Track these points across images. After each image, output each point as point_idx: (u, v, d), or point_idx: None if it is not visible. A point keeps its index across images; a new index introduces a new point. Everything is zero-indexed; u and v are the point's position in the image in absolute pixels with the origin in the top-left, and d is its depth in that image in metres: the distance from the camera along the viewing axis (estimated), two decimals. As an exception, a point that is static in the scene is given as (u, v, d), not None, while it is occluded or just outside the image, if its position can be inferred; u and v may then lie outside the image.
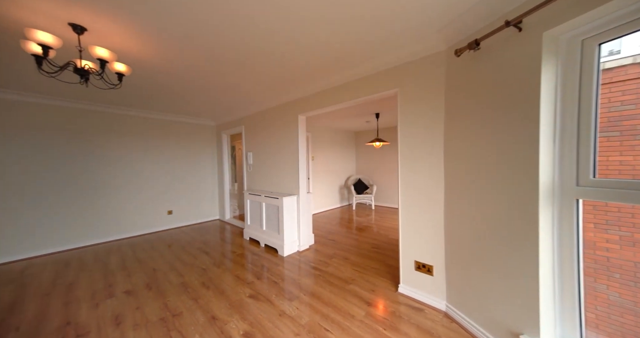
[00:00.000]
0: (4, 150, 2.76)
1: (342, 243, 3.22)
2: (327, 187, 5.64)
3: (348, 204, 6.24)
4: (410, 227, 1.93)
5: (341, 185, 6.08)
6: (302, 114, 2.89)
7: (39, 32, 1.26)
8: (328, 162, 5.65)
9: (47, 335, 1.52)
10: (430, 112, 1.80)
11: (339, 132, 5.99)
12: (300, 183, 2.95)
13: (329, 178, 5.70)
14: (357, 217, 4.83)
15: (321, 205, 5.44)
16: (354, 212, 5.25)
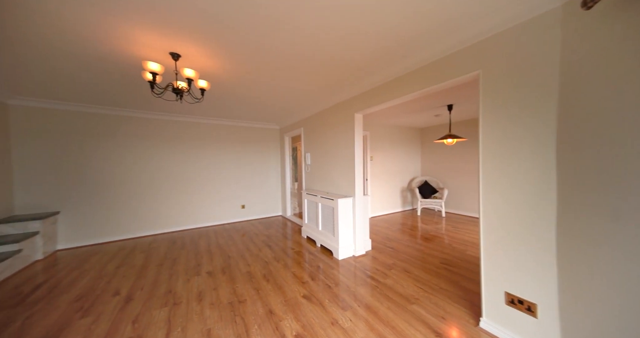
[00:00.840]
0: (141, 154, 3.83)
1: (404, 252, 2.88)
2: (387, 189, 5.23)
3: (411, 209, 5.62)
4: (498, 245, 1.49)
5: (403, 188, 5.53)
6: (359, 112, 2.74)
7: (150, 63, 1.63)
8: (388, 162, 5.24)
9: (158, 297, 1.98)
10: (531, 95, 1.33)
11: (401, 130, 5.47)
12: (356, 184, 2.81)
13: (389, 180, 5.27)
14: (422, 224, 4.26)
15: (380, 208, 5.10)
16: (419, 218, 4.66)
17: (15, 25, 1.51)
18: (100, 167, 3.55)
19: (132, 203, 3.76)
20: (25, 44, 1.72)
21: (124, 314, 1.74)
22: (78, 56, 1.90)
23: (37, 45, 1.73)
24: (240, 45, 1.75)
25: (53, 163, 3.26)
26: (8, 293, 2.07)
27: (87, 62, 2.00)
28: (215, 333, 1.52)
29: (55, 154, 3.26)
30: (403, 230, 3.86)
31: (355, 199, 2.81)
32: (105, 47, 1.75)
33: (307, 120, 4.02)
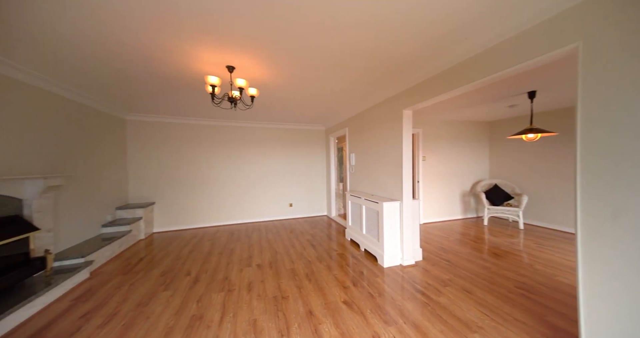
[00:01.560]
0: (211, 156, 4.51)
1: (463, 268, 2.47)
2: (443, 193, 4.62)
3: (475, 217, 4.81)
4: (607, 274, 1.09)
5: (464, 192, 4.78)
6: (408, 108, 2.49)
7: (210, 77, 1.88)
8: (445, 162, 4.62)
9: (217, 282, 2.27)
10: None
11: (463, 125, 4.74)
12: (404, 187, 2.57)
13: (446, 183, 4.65)
14: (490, 235, 3.58)
15: (433, 214, 4.55)
16: (486, 229, 3.94)
17: (127, 62, 1.98)
18: (186, 167, 4.34)
19: (203, 198, 4.47)
20: (134, 76, 2.24)
21: (192, 293, 2.07)
22: (165, 79, 2.36)
23: (140, 75, 2.24)
24: (286, 50, 1.83)
25: (153, 164, 4.16)
26: (122, 263, 2.75)
27: (168, 80, 2.46)
28: (260, 325, 1.63)
29: (155, 157, 4.16)
30: (463, 241, 3.33)
31: (403, 203, 2.57)
32: (179, 66, 2.11)
33: (351, 120, 3.93)
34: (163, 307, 1.85)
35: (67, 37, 1.61)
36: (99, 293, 2.09)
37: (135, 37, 1.62)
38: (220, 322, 1.66)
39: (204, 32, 1.57)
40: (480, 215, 4.84)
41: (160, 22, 1.46)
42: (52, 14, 1.39)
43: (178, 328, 1.59)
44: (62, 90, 2.53)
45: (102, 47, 1.74)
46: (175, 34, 1.59)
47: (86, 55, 1.87)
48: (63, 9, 1.35)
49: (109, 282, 2.28)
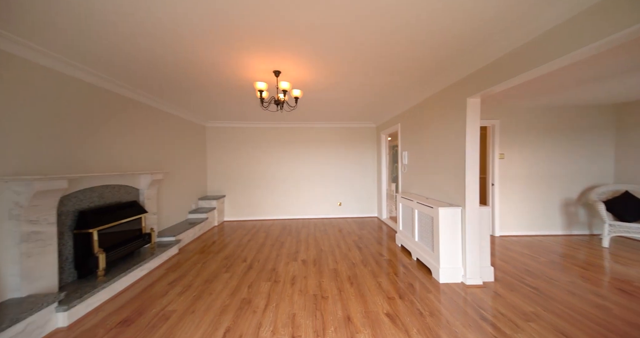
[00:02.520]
0: (268, 156, 4.99)
1: (560, 301, 1.85)
2: (534, 199, 3.62)
3: (588, 235, 3.57)
4: None
5: (568, 200, 3.61)
6: (474, 96, 2.04)
7: (258, 83, 2.05)
8: (533, 160, 3.60)
9: (266, 271, 2.48)
10: None
11: (564, 110, 3.57)
12: (468, 191, 2.13)
13: (538, 187, 3.62)
14: (614, 262, 2.57)
15: (517, 226, 3.62)
16: (606, 253, 2.86)
17: (204, 74, 2.39)
18: (249, 166, 4.96)
19: (262, 194, 4.99)
20: (210, 86, 2.69)
21: (245, 278, 2.33)
22: (227, 89, 2.74)
23: (215, 87, 2.67)
24: (333, 50, 1.82)
25: (225, 163, 4.93)
26: (200, 244, 3.37)
27: (230, 89, 2.84)
28: (298, 321, 1.68)
29: (226, 157, 4.93)
30: (563, 266, 2.51)
31: (466, 210, 2.14)
32: (234, 76, 2.39)
33: (404, 115, 3.56)
34: (222, 287, 2.15)
35: (167, 67, 2.07)
36: (182, 266, 2.62)
37: (203, 56, 1.92)
38: (265, 309, 1.80)
39: (255, 43, 1.71)
40: (597, 232, 3.55)
41: (219, 38, 1.68)
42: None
43: (231, 308, 1.82)
44: (166, 107, 3.29)
45: (184, 68, 2.16)
46: (232, 48, 1.80)
47: (180, 80, 2.37)
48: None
49: (189, 259, 2.83)
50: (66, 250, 1.94)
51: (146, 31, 1.57)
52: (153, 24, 1.49)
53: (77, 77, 2.08)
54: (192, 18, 1.44)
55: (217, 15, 1.41)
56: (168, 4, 1.31)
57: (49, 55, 1.80)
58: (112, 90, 2.46)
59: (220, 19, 1.45)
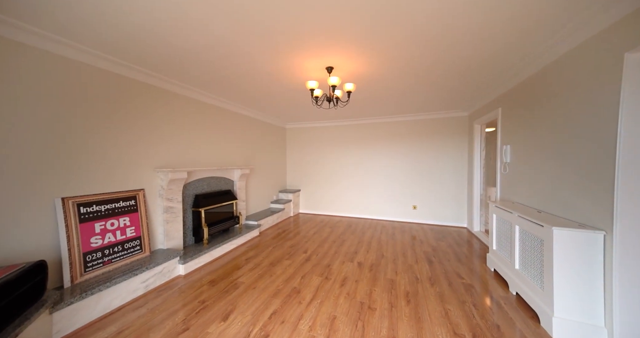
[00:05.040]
0: (336, 154, 5.09)
1: None
2: None
3: None
4: None
5: None
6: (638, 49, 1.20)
7: (309, 82, 2.10)
8: None
9: (321, 266, 2.55)
10: None
11: None
12: (618, 204, 1.29)
13: None
14: None
15: None
16: None
17: (275, 83, 2.75)
18: (322, 163, 5.27)
19: (333, 190, 5.15)
20: (275, 92, 3.07)
21: (302, 268, 2.49)
22: (287, 91, 3.00)
23: (283, 92, 3.02)
24: (383, 49, 1.60)
25: (301, 160, 5.46)
26: (275, 231, 3.92)
27: (290, 91, 3.07)
28: (337, 325, 1.62)
29: (302, 154, 5.45)
30: None
31: (615, 237, 1.31)
32: (292, 77, 2.55)
33: (507, 96, 2.62)
34: (281, 272, 2.40)
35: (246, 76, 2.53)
36: (258, 247, 3.14)
37: (266, 64, 2.18)
38: (309, 303, 1.86)
39: (304, 45, 1.77)
40: None
41: (279, 45, 1.85)
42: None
43: (281, 294, 2.00)
44: (251, 113, 4.03)
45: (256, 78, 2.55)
46: (291, 52, 1.94)
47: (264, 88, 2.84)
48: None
49: (265, 242, 3.35)
50: (188, 221, 2.77)
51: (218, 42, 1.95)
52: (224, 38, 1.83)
53: (197, 98, 2.89)
54: (250, 26, 1.65)
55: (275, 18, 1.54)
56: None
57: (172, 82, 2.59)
58: (204, 101, 3.26)
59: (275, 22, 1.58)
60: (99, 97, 1.95)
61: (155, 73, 2.28)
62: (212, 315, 1.71)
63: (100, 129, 1.96)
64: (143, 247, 2.14)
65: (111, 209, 1.92)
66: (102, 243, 1.84)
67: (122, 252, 1.97)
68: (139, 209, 2.14)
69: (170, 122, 2.58)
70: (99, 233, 1.84)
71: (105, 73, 1.99)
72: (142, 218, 2.15)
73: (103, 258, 1.84)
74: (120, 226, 1.98)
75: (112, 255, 1.90)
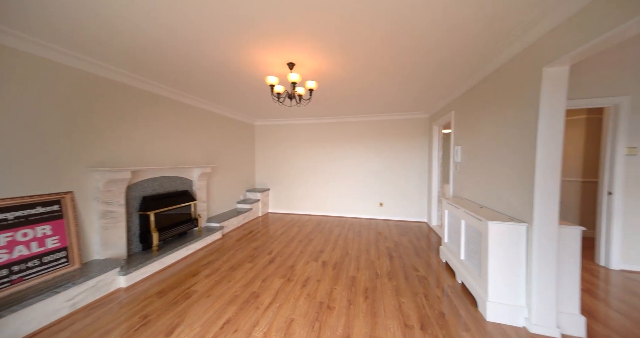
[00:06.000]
0: (304, 152, 5.04)
1: None
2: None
3: None
4: None
5: None
6: (555, 63, 1.36)
7: (269, 77, 2.01)
8: None
9: (284, 268, 2.50)
10: None
11: None
12: (539, 200, 1.48)
13: None
14: None
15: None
16: None
17: (252, 84, 2.57)
18: (291, 161, 5.16)
19: (302, 189, 5.09)
20: (237, 86, 2.89)
21: (264, 271, 2.40)
22: (249, 85, 2.85)
23: (245, 87, 2.85)
24: (348, 47, 1.57)
25: (270, 158, 5.29)
26: (240, 232, 3.74)
27: (251, 86, 2.93)
28: (293, 328, 1.58)
29: (271, 152, 5.27)
30: None
31: (535, 228, 1.49)
32: (253, 73, 2.42)
33: (459, 100, 2.84)
34: (241, 276, 2.29)
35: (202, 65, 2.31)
36: (219, 251, 2.95)
37: (216, 55, 2.02)
38: (267, 308, 1.79)
39: (267, 39, 1.67)
40: None
41: (229, 33, 1.71)
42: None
43: (239, 300, 1.90)
44: (214, 108, 3.76)
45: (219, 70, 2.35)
46: (250, 43, 1.81)
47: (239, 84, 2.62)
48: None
49: (227, 245, 3.17)
50: (134, 227, 2.47)
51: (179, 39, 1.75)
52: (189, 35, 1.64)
53: (148, 90, 2.57)
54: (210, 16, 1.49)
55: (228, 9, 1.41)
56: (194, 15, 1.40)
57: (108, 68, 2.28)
58: (159, 94, 2.96)
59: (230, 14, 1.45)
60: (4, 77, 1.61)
61: (84, 56, 1.96)
62: (154, 331, 1.54)
63: (7, 118, 1.62)
64: (71, 259, 1.84)
65: (23, 217, 1.60)
66: (8, 259, 1.53)
67: (40, 267, 1.66)
68: (65, 215, 1.83)
69: (108, 114, 2.26)
70: (4, 247, 1.52)
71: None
72: (69, 225, 1.85)
73: (10, 277, 1.53)
74: (38, 236, 1.67)
75: (25, 272, 1.59)
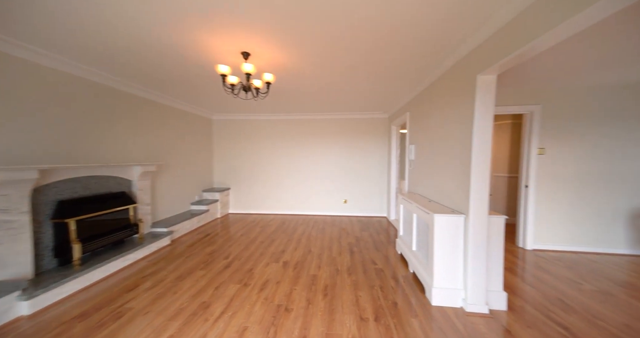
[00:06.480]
0: (271, 149, 4.84)
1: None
2: (583, 206, 2.84)
3: (663, 255, 2.70)
4: None
5: (636, 210, 2.75)
6: (486, 71, 1.52)
7: (220, 66, 1.82)
8: (586, 156, 2.80)
9: (241, 272, 2.34)
10: None
11: (631, 91, 2.66)
12: (473, 194, 1.65)
13: (591, 190, 2.82)
14: (697, 301, 1.84)
15: (558, 238, 2.90)
16: (687, 285, 2.08)
17: (206, 75, 2.26)
18: (255, 159, 4.89)
19: (266, 188, 4.89)
20: (202, 83, 2.57)
21: (217, 278, 2.20)
22: (198, 74, 2.58)
23: (192, 75, 2.55)
24: (305, 39, 1.48)
25: (231, 155, 4.93)
26: (194, 237, 3.39)
27: (201, 75, 2.67)
28: (246, 337, 1.47)
29: (232, 150, 4.91)
30: (618, 299, 1.87)
31: (471, 219, 1.67)
32: (203, 61, 2.19)
33: (413, 102, 3.03)
34: (190, 286, 2.06)
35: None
36: (166, 259, 2.62)
37: (176, 38, 1.75)
38: (217, 319, 1.64)
39: (215, 21, 1.47)
40: (678, 253, 2.65)
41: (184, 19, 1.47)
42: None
43: (184, 313, 1.69)
44: (164, 99, 3.29)
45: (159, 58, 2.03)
46: (197, 25, 1.58)
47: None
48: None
49: (176, 252, 2.83)
50: (46, 238, 2.01)
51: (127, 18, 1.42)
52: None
53: (56, 68, 2.09)
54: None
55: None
56: None
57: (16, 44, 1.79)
58: (101, 83, 2.48)
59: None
60: None
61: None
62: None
63: None
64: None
65: None
66: None
67: None
68: None
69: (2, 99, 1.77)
70: None
71: None
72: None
73: None
74: None
75: None
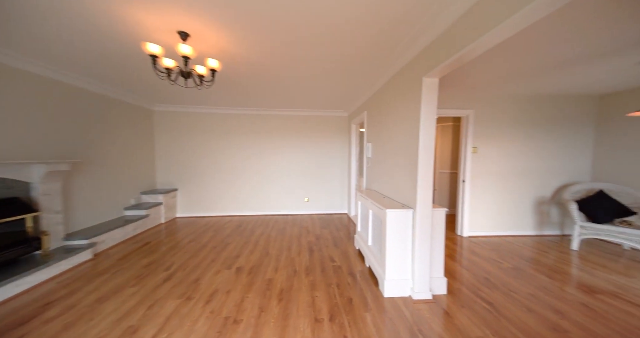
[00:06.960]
0: (226, 146, 4.44)
1: (513, 320, 1.54)
2: (504, 197, 3.35)
3: (560, 235, 3.37)
4: None
5: (541, 199, 3.37)
6: (430, 74, 1.61)
7: (149, 44, 1.52)
8: (507, 155, 3.31)
9: (185, 284, 2.05)
10: None
11: (548, 101, 3.26)
12: (420, 190, 1.75)
13: (510, 183, 3.35)
14: (581, 270, 2.33)
15: (488, 225, 3.36)
16: (575, 256, 2.63)
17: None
18: (206, 156, 4.40)
19: (221, 188, 4.47)
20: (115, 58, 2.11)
21: (153, 294, 1.88)
22: (130, 56, 2.17)
23: (115, 53, 2.10)
24: (255, 24, 1.29)
25: (178, 152, 4.34)
26: (127, 247, 2.87)
27: (126, 54, 2.26)
28: (181, 361, 1.27)
29: (179, 146, 4.32)
30: (527, 273, 2.23)
31: (418, 213, 1.77)
32: (134, 39, 1.83)
33: (370, 101, 3.12)
34: (114, 308, 1.70)
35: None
36: (83, 278, 2.13)
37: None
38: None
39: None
40: (568, 233, 3.36)
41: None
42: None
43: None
44: (79, 82, 2.65)
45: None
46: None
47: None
48: None
49: (101, 267, 2.34)
50: None
51: None
52: None
53: None
54: None
55: None
56: None
57: None
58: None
59: None
60: None
61: None
62: None
63: None
64: None
65: None
66: None
67: None
68: None
69: None
70: None
71: None
72: None
73: None
74: None
75: None
